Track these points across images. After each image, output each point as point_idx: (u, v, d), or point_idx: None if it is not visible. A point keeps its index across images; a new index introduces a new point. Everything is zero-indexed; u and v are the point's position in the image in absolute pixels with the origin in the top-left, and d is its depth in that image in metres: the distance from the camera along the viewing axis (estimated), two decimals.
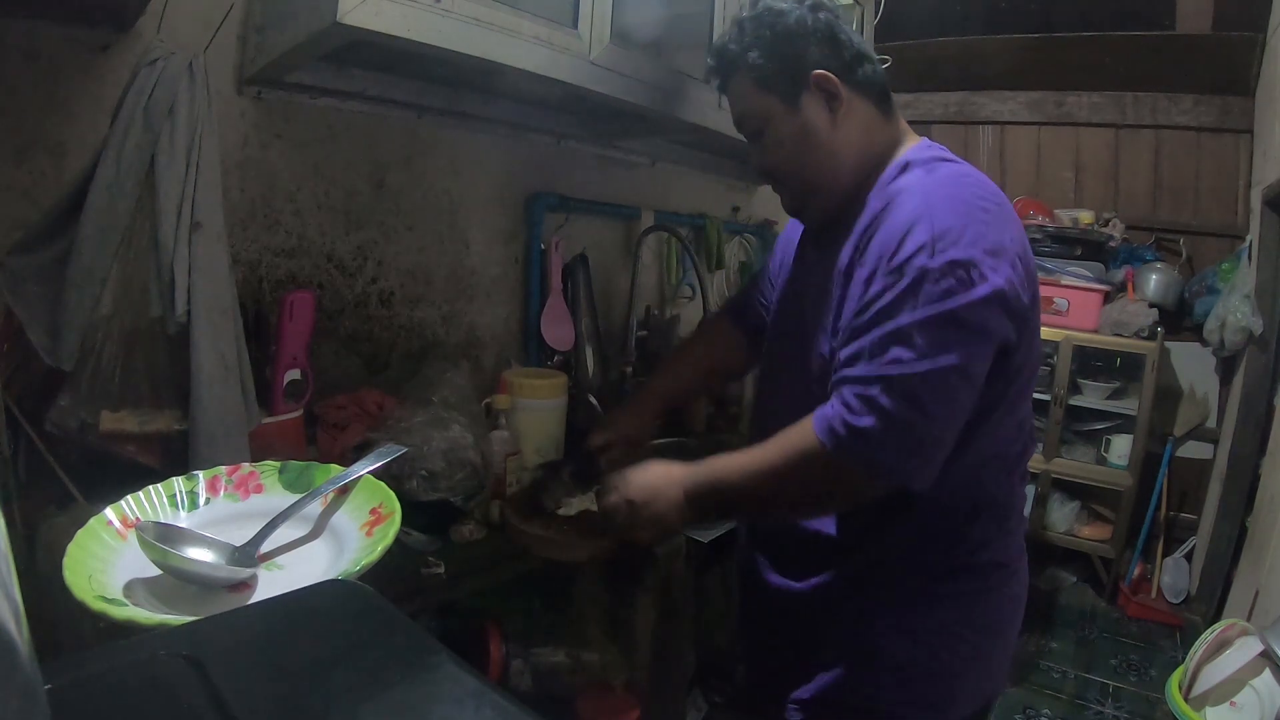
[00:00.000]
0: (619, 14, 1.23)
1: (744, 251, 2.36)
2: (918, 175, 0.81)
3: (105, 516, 0.67)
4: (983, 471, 0.85)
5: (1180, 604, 2.69)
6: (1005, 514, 0.89)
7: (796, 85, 0.85)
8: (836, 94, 0.84)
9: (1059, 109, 3.11)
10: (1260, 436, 2.50)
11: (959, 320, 0.73)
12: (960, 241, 0.73)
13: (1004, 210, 0.80)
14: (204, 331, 0.96)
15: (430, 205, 1.48)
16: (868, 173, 0.86)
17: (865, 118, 0.87)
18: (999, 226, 0.76)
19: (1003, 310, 0.75)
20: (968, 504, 0.85)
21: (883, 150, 0.87)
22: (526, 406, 1.31)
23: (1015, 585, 0.92)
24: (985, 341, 0.75)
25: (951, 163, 0.84)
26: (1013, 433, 0.86)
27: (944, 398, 0.75)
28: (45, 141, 1.00)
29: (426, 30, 0.96)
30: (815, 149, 0.86)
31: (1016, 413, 0.85)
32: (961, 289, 0.72)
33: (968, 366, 0.75)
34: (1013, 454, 0.88)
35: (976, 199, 0.77)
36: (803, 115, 0.85)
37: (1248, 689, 1.72)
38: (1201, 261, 2.86)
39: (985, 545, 0.87)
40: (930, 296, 0.72)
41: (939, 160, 0.84)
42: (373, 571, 0.63)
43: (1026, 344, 0.80)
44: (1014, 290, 0.75)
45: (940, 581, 0.86)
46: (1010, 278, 0.75)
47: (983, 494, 0.86)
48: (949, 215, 0.74)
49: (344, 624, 0.46)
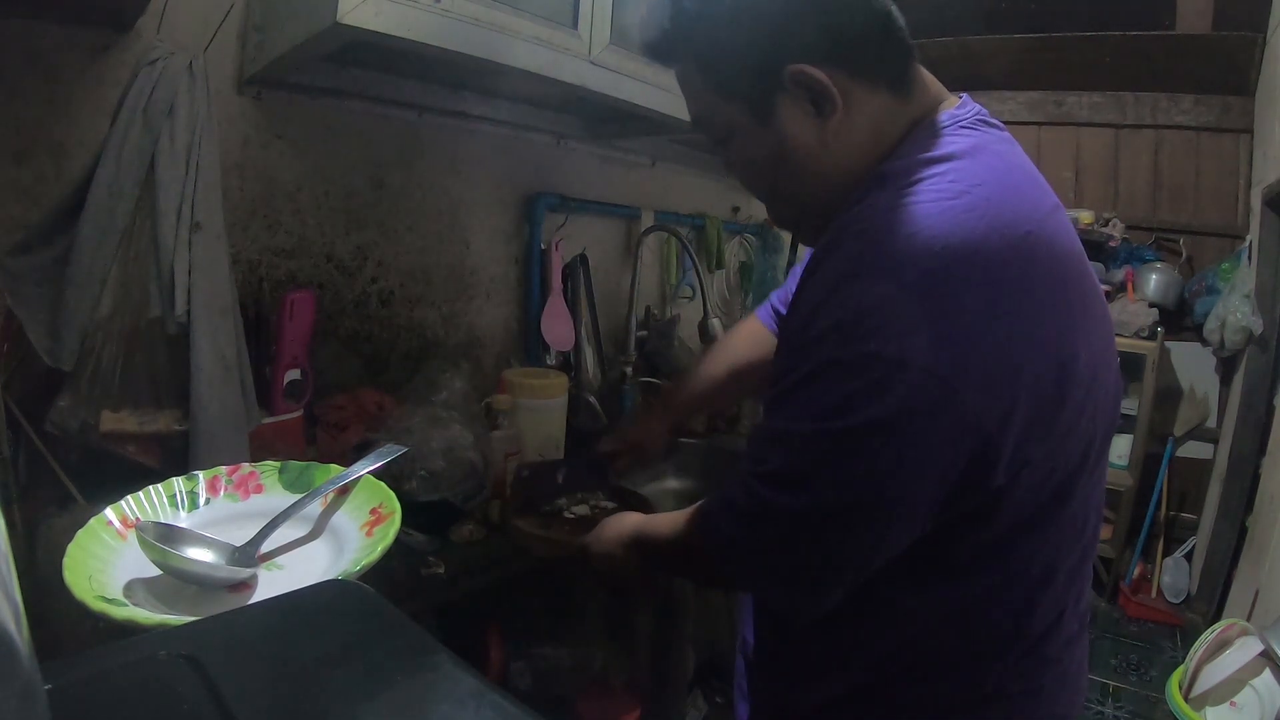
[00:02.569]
0: (619, 14, 1.23)
1: (744, 251, 2.36)
2: (883, 200, 0.56)
3: (105, 516, 0.67)
4: (980, 603, 0.62)
5: (1180, 604, 2.69)
6: (1032, 644, 0.63)
7: (767, 87, 0.60)
8: (827, 94, 0.59)
9: (1059, 109, 3.11)
10: (1260, 436, 2.50)
11: (862, 441, 0.51)
12: (892, 325, 0.49)
13: (1017, 259, 0.52)
14: (204, 331, 0.96)
15: (430, 205, 1.48)
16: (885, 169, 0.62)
17: (875, 112, 0.61)
18: (987, 293, 0.50)
19: (954, 427, 0.50)
20: (970, 636, 0.63)
21: (897, 139, 0.62)
22: (526, 406, 1.31)
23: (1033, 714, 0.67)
24: (915, 467, 0.52)
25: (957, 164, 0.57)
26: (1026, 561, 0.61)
27: (838, 536, 0.56)
28: (45, 141, 1.00)
29: (426, 30, 0.96)
30: (797, 167, 0.63)
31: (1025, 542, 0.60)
32: (874, 396, 0.50)
33: (880, 500, 0.54)
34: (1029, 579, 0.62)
35: (957, 243, 0.51)
36: (777, 127, 0.61)
37: (1248, 689, 1.72)
38: (1201, 261, 2.86)
39: (997, 677, 0.64)
40: (830, 398, 0.52)
41: (939, 162, 0.57)
42: (373, 571, 0.63)
43: (1032, 473, 0.55)
44: (985, 398, 0.50)
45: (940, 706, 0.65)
46: (981, 381, 0.50)
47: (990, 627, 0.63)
48: (890, 278, 0.51)
49: (344, 624, 0.46)
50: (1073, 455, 0.58)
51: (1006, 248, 0.52)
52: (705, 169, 2.13)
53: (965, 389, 0.50)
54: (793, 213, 0.71)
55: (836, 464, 0.54)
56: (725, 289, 2.31)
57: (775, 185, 0.68)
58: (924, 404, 0.50)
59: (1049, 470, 0.57)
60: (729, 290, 2.33)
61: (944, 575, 0.61)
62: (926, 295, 0.50)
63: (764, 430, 0.60)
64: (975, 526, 0.58)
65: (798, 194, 0.67)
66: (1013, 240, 0.53)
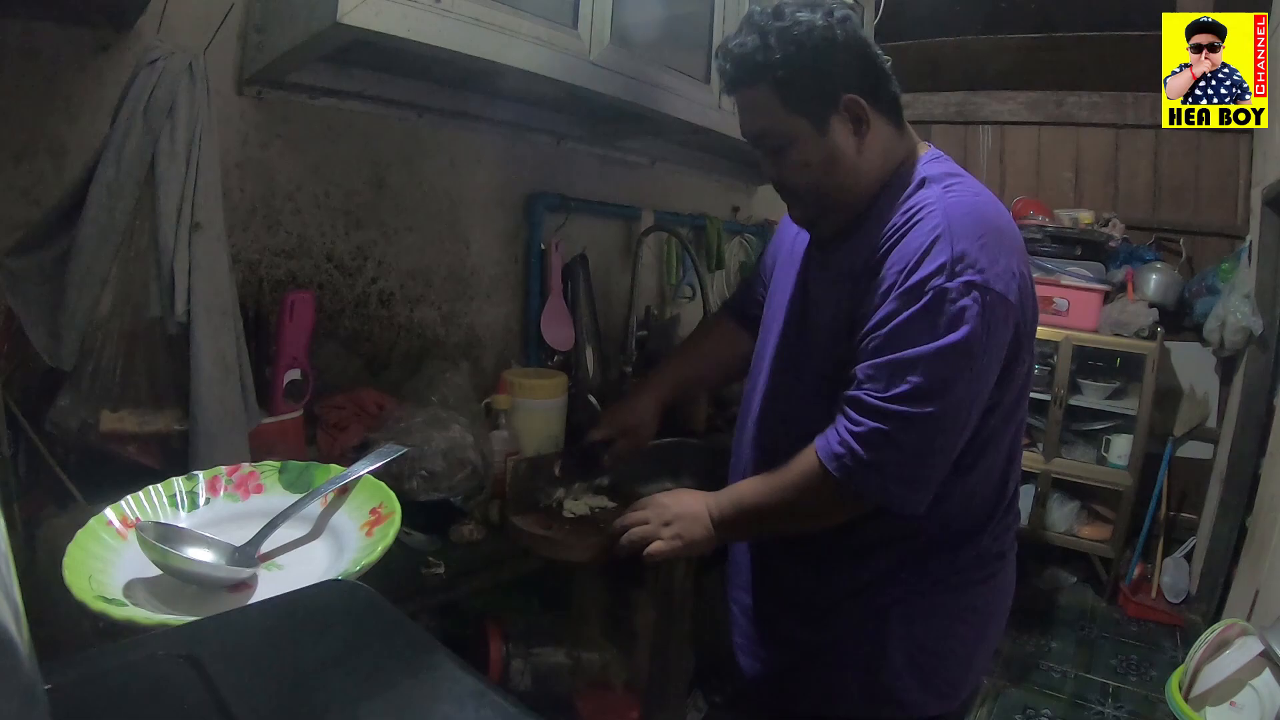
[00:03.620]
0: (619, 14, 1.23)
1: (744, 251, 2.36)
2: (936, 193, 0.82)
3: (105, 516, 0.67)
4: (987, 477, 0.88)
5: (1180, 604, 2.69)
6: (1006, 509, 0.93)
7: (826, 108, 0.83)
8: (864, 118, 0.83)
9: (1059, 109, 3.11)
10: (1260, 436, 2.50)
11: (971, 347, 0.74)
12: (977, 264, 0.75)
13: (1012, 231, 0.83)
14: (204, 331, 0.96)
15: (430, 205, 1.48)
16: (884, 187, 0.87)
17: (885, 137, 0.86)
18: (1009, 249, 0.79)
19: (1013, 329, 0.78)
20: (974, 511, 0.89)
21: (898, 164, 0.87)
22: (526, 406, 1.31)
23: (1009, 569, 0.96)
24: (994, 363, 0.78)
25: (960, 178, 0.85)
26: (1012, 435, 0.89)
27: (953, 431, 0.78)
28: (45, 141, 1.00)
29: (426, 30, 0.96)
30: (840, 173, 0.85)
31: (1014, 418, 0.88)
32: (977, 312, 0.74)
33: (977, 395, 0.78)
34: (1012, 453, 0.91)
35: (990, 221, 0.80)
36: (831, 139, 0.84)
37: (1248, 689, 1.72)
38: (1201, 261, 2.86)
39: (988, 539, 0.90)
40: (947, 321, 0.74)
41: (951, 176, 0.85)
42: (373, 571, 0.63)
43: (1028, 354, 0.85)
44: (1021, 309, 0.79)
45: (948, 575, 0.89)
46: (1020, 299, 0.78)
47: (987, 498, 0.90)
48: (967, 237, 0.76)
49: (344, 624, 0.46)
50: (1031, 361, 0.86)
51: (1010, 226, 0.84)
52: (705, 169, 2.13)
53: (1014, 303, 0.77)
54: (819, 210, 0.90)
55: (960, 366, 0.75)
56: (725, 289, 2.31)
57: (819, 184, 0.87)
58: (1000, 315, 0.76)
59: (1026, 367, 0.85)
60: (729, 290, 2.32)
61: (966, 465, 0.83)
62: (987, 247, 0.77)
63: (891, 360, 0.77)
64: (990, 416, 0.82)
65: (832, 193, 0.87)
66: (1008, 217, 0.85)
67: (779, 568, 0.99)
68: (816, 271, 0.94)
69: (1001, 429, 0.86)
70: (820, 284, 0.92)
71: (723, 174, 2.22)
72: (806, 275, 0.96)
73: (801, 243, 0.99)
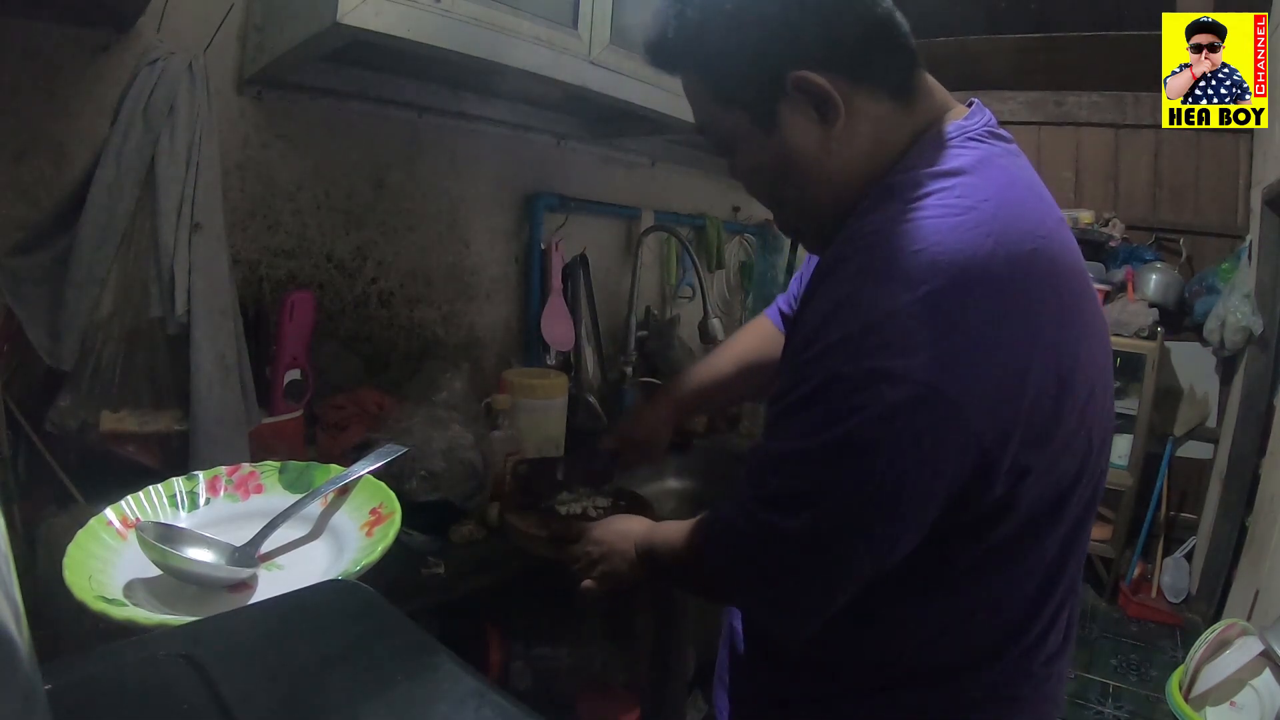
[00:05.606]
0: (619, 14, 1.23)
1: (744, 251, 2.36)
2: (889, 214, 0.55)
3: (105, 516, 0.67)
4: (980, 609, 0.63)
5: (1180, 604, 2.69)
6: (1028, 647, 0.64)
7: (769, 94, 0.60)
8: (829, 100, 0.58)
9: (1059, 109, 3.11)
10: (1260, 436, 2.50)
11: (864, 459, 0.51)
12: (901, 341, 0.49)
13: (1022, 276, 0.52)
14: (204, 331, 0.96)
15: (430, 205, 1.48)
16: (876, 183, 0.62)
17: (877, 118, 0.61)
18: (989, 310, 0.51)
19: (957, 442, 0.51)
20: (967, 644, 0.64)
21: (901, 148, 0.62)
22: (526, 406, 1.31)
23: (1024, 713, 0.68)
24: (918, 479, 0.52)
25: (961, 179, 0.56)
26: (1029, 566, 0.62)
27: (833, 558, 0.56)
28: (45, 141, 1.00)
29: (426, 30, 0.96)
30: (801, 175, 0.63)
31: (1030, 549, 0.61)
32: (877, 414, 0.50)
33: (880, 518, 0.54)
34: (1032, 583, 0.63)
35: (962, 261, 0.51)
36: (782, 134, 0.61)
37: (1248, 689, 1.72)
38: (1201, 261, 2.87)
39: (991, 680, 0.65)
40: (835, 415, 0.52)
41: (946, 176, 0.56)
42: (373, 571, 0.63)
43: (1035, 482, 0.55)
44: (988, 413, 0.51)
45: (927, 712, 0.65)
46: (983, 397, 0.50)
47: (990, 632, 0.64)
48: (898, 294, 0.50)
49: (344, 624, 0.46)
50: (1069, 468, 0.58)
51: (1011, 264, 0.52)
52: (705, 169, 2.13)
53: (969, 406, 0.50)
54: (797, 220, 0.70)
55: (837, 481, 0.53)
56: (725, 289, 2.31)
57: (780, 193, 0.67)
58: (928, 421, 0.50)
59: (1046, 482, 0.57)
60: (729, 290, 2.33)
61: (942, 586, 0.61)
62: (933, 312, 0.50)
63: (763, 451, 0.59)
64: (974, 539, 0.58)
65: (801, 201, 0.66)
66: (1017, 256, 0.53)
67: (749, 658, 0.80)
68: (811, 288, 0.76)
69: (1010, 552, 0.60)
70: None
71: (723, 174, 2.21)
72: None
73: None
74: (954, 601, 0.62)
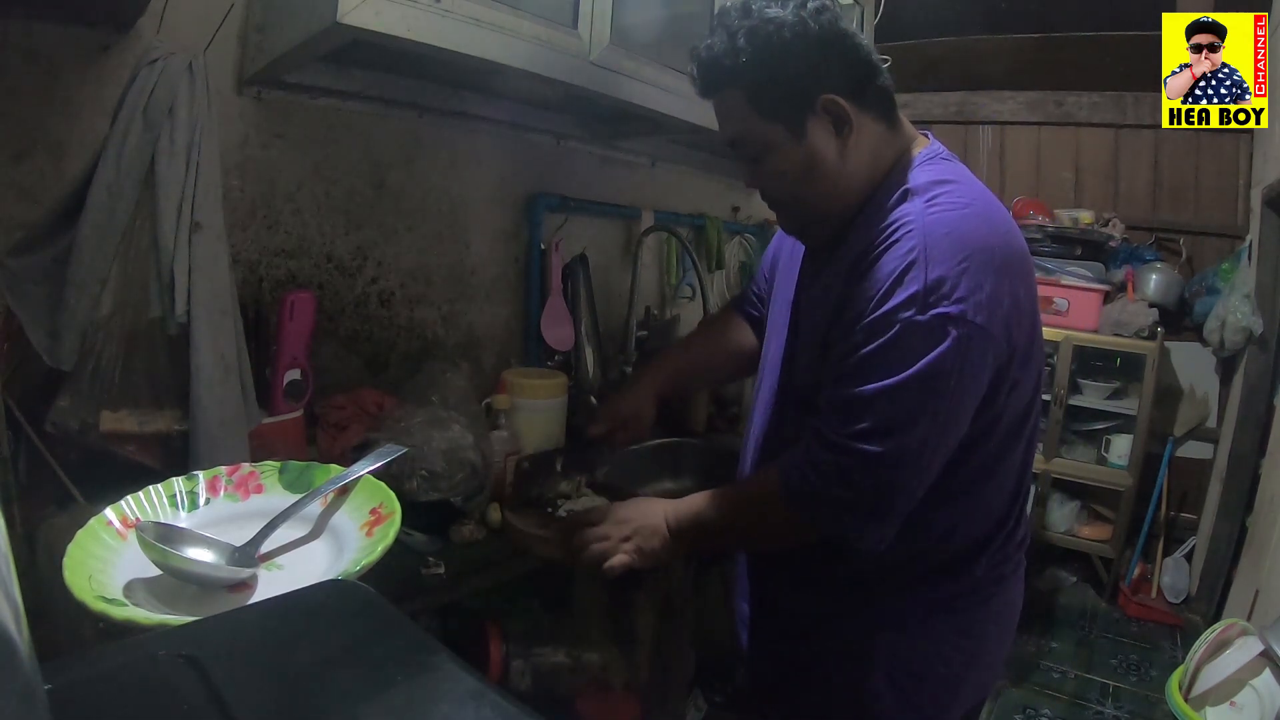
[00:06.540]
0: (619, 14, 1.23)
1: (744, 251, 2.36)
2: (917, 208, 0.74)
3: (105, 516, 0.67)
4: (984, 503, 0.84)
5: (1180, 604, 2.69)
6: (1009, 534, 0.87)
7: (802, 111, 0.77)
8: (846, 119, 0.77)
9: (1059, 109, 3.11)
10: (1260, 436, 2.50)
11: (937, 386, 0.70)
12: (953, 294, 0.69)
13: (1005, 245, 0.75)
14: (204, 331, 0.96)
15: (430, 205, 1.48)
16: (874, 190, 0.81)
17: (873, 137, 0.80)
18: (999, 269, 0.72)
19: (992, 361, 0.72)
20: (971, 537, 0.84)
21: (889, 165, 0.82)
22: (526, 406, 1.31)
23: (1012, 590, 0.91)
24: (967, 399, 0.73)
25: (948, 187, 0.77)
26: (1018, 457, 0.84)
27: (915, 470, 0.73)
28: (45, 141, 1.00)
29: (426, 30, 0.96)
30: (821, 179, 0.80)
31: (1015, 442, 0.82)
32: (948, 348, 0.69)
33: (946, 433, 0.73)
34: (1020, 474, 0.86)
35: (976, 240, 0.72)
36: (809, 144, 0.78)
37: (1248, 689, 1.72)
38: (1201, 261, 2.86)
39: (985, 564, 0.85)
40: (914, 357, 0.69)
41: (938, 185, 0.76)
42: (373, 571, 0.63)
43: (1028, 374, 0.79)
44: (1007, 337, 0.73)
45: (942, 599, 0.86)
46: (1006, 326, 0.72)
47: (987, 523, 0.85)
48: (945, 262, 0.70)
49: (344, 624, 0.46)
50: (1033, 383, 0.81)
51: (1002, 242, 0.75)
52: (705, 169, 2.13)
53: (998, 336, 0.72)
54: (804, 219, 0.87)
55: (923, 405, 0.71)
56: (725, 289, 2.31)
57: (799, 193, 0.83)
58: (980, 349, 0.71)
59: (1021, 395, 0.79)
60: (729, 290, 2.32)
61: (951, 492, 0.79)
62: (970, 273, 0.70)
63: (851, 395, 0.73)
64: (973, 450, 0.78)
65: (815, 202, 0.83)
66: (1004, 237, 0.76)
67: (774, 585, 0.97)
68: (809, 281, 0.91)
69: (1000, 455, 0.81)
70: (810, 296, 0.89)
71: (723, 174, 2.22)
72: (800, 284, 0.93)
73: (800, 246, 0.96)
74: (959, 503, 0.81)
